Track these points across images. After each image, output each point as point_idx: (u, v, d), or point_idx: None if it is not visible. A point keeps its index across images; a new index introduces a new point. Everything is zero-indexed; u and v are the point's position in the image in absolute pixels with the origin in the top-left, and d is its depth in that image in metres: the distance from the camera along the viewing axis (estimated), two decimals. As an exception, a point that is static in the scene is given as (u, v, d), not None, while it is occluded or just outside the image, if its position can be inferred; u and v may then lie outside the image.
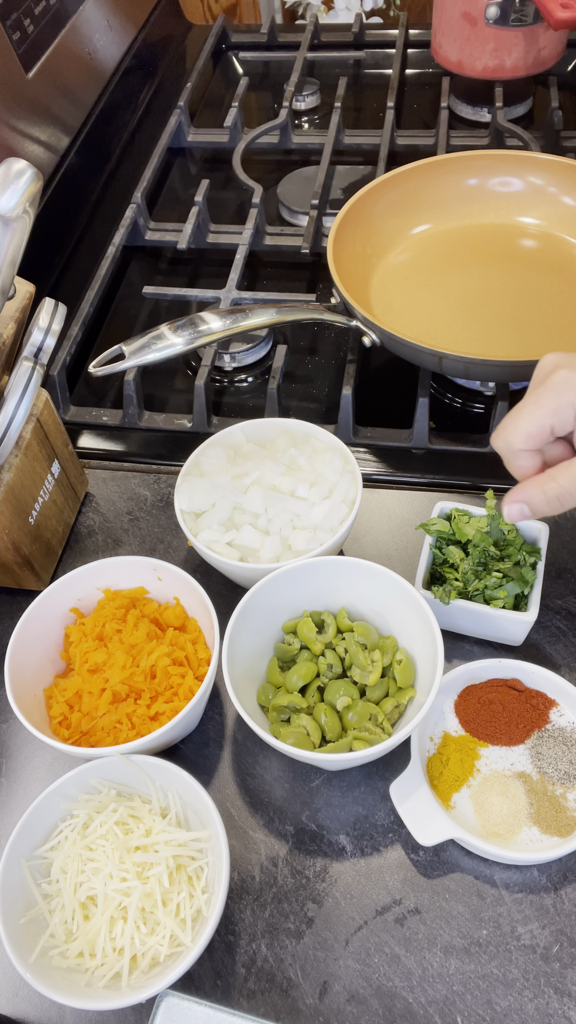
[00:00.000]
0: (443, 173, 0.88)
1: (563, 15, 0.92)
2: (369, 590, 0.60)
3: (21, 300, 0.60)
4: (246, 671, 0.58)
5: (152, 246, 0.98)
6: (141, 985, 0.47)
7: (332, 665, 0.58)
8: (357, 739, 0.55)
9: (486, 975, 0.50)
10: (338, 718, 0.56)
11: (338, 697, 0.57)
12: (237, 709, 0.54)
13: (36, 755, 0.61)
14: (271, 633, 0.61)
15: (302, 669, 0.58)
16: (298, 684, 0.58)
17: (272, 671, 0.60)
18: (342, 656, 0.59)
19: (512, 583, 0.59)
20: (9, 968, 0.53)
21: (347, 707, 0.56)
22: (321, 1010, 0.50)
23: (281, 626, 0.62)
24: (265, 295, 0.86)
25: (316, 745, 0.55)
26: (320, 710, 0.56)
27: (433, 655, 0.55)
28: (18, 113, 0.91)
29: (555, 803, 0.54)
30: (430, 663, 0.55)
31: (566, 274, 0.83)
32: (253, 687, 0.59)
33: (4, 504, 0.60)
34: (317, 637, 0.59)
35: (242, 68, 1.27)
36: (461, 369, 0.71)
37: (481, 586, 0.60)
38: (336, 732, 0.56)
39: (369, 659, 0.58)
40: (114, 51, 1.13)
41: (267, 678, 0.60)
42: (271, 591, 0.59)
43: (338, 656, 0.59)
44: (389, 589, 0.59)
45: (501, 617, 0.59)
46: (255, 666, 0.60)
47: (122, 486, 0.76)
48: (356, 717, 0.56)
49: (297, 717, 0.56)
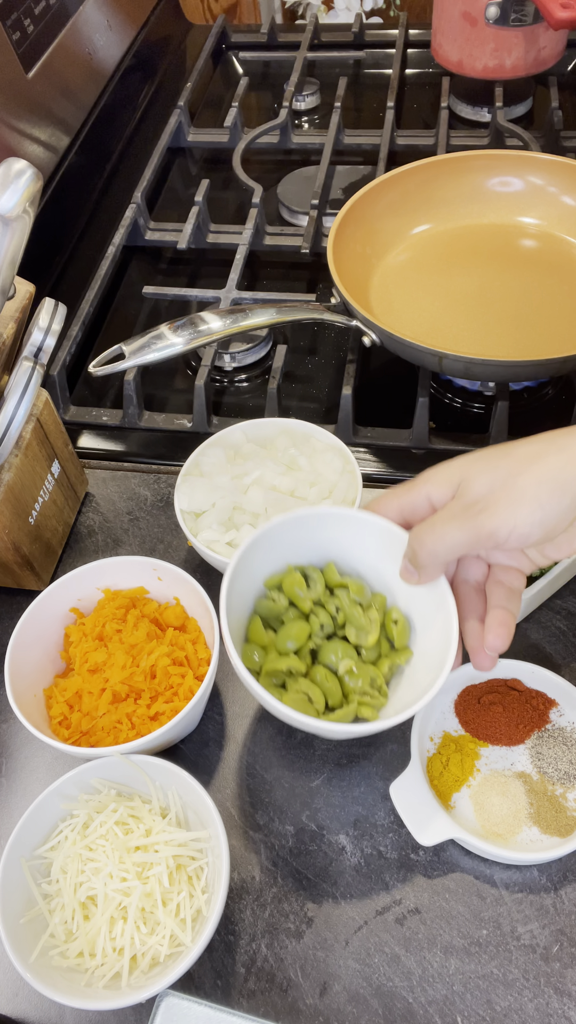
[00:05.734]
0: (443, 173, 0.88)
1: (563, 15, 0.92)
2: (361, 545, 0.56)
3: (21, 300, 0.60)
4: (233, 635, 0.53)
5: (152, 246, 0.98)
6: (141, 985, 0.47)
7: (324, 625, 0.55)
8: (362, 704, 0.52)
9: (486, 975, 0.50)
10: (339, 683, 0.53)
11: (339, 660, 0.53)
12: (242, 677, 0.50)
13: (36, 755, 0.61)
14: (253, 592, 0.57)
15: (294, 629, 0.54)
16: (292, 646, 0.54)
17: (256, 630, 0.55)
18: (333, 615, 0.55)
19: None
20: (9, 968, 0.53)
21: (349, 671, 0.53)
22: (321, 1010, 0.50)
23: (263, 582, 0.57)
24: (265, 295, 0.86)
25: (320, 712, 0.52)
26: (319, 674, 0.53)
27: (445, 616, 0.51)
28: (18, 113, 0.91)
29: (555, 803, 0.54)
30: (440, 624, 0.52)
31: (566, 274, 0.83)
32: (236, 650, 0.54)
33: (4, 504, 0.60)
34: (305, 593, 0.55)
35: (242, 68, 1.27)
36: (461, 369, 0.71)
37: None
38: (338, 698, 0.53)
39: (367, 618, 0.54)
40: (114, 51, 1.13)
41: (250, 637, 0.55)
42: (262, 547, 0.55)
43: (329, 615, 0.55)
44: (384, 541, 0.54)
45: None
46: (237, 629, 0.55)
47: (122, 486, 0.76)
48: (360, 682, 0.53)
49: (294, 682, 0.53)
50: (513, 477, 0.46)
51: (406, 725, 0.58)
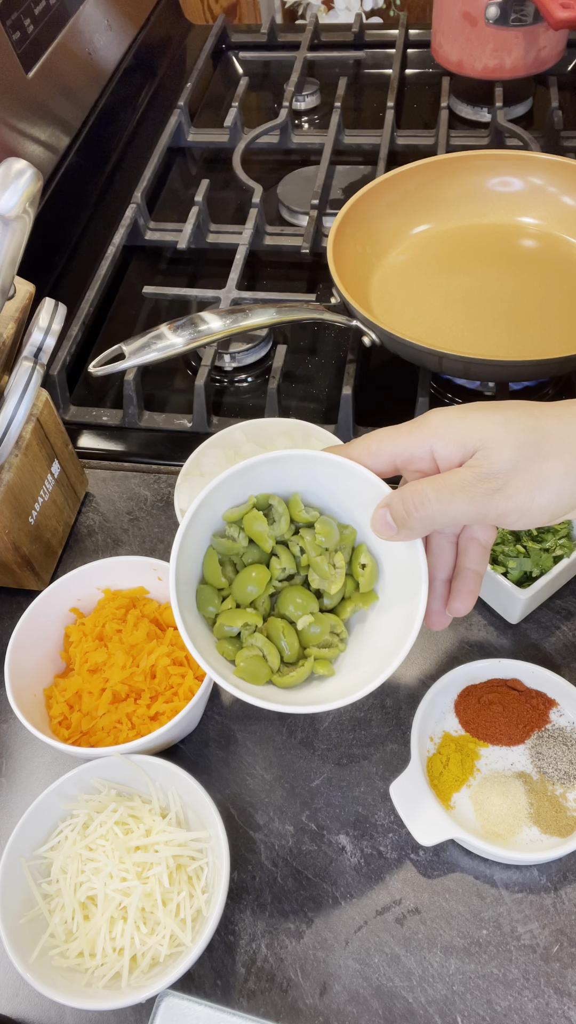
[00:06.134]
0: (443, 173, 0.88)
1: (563, 15, 0.92)
2: (336, 486, 0.51)
3: (21, 300, 0.60)
4: (188, 578, 0.50)
5: (152, 246, 0.98)
6: (141, 985, 0.47)
7: (286, 568, 0.50)
8: (318, 658, 0.50)
9: (486, 975, 0.50)
10: (296, 636, 0.50)
11: (298, 614, 0.50)
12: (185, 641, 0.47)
13: (36, 755, 0.61)
14: (212, 525, 0.51)
15: (254, 574, 0.49)
16: (252, 593, 0.49)
17: (212, 570, 0.50)
18: (296, 555, 0.51)
19: (527, 560, 0.60)
20: (9, 968, 0.53)
21: (308, 625, 0.50)
22: (321, 1010, 0.50)
23: (223, 515, 0.51)
24: (265, 295, 0.86)
25: (275, 670, 0.50)
26: (277, 627, 0.49)
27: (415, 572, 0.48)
28: (18, 113, 0.91)
29: (555, 803, 0.54)
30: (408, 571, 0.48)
31: (566, 274, 0.83)
32: (191, 592, 0.51)
33: (4, 504, 0.60)
34: (267, 530, 0.50)
35: (242, 68, 1.27)
36: (461, 369, 0.71)
37: (499, 549, 0.60)
38: (295, 652, 0.50)
39: (331, 563, 0.50)
40: (114, 51, 1.13)
41: (205, 577, 0.50)
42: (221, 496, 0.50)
43: (291, 556, 0.50)
44: (369, 494, 0.49)
45: (496, 582, 0.60)
46: (193, 568, 0.50)
47: (122, 486, 0.76)
48: (318, 630, 0.50)
49: (249, 635, 0.50)
50: (540, 460, 0.43)
51: (406, 725, 0.58)
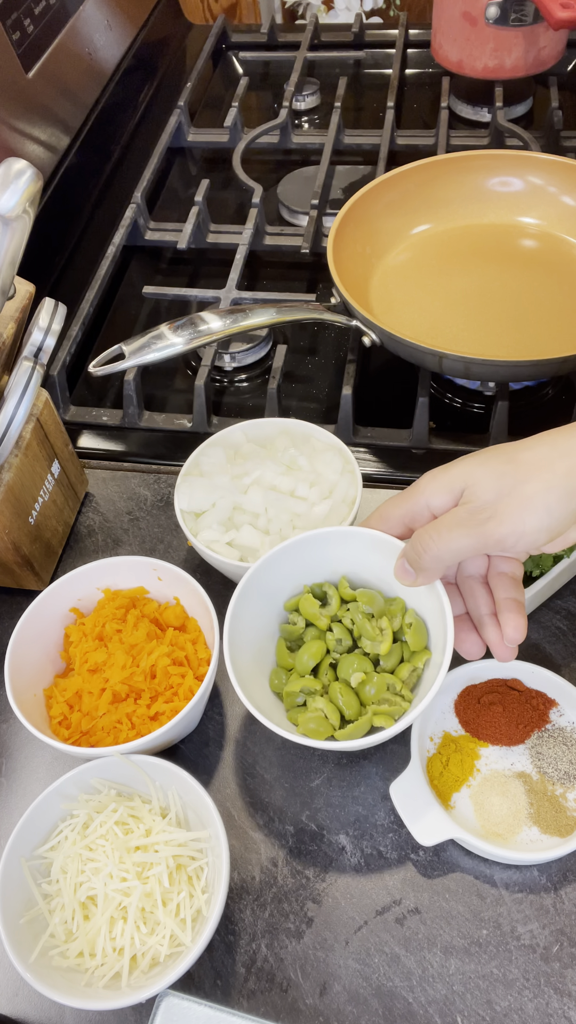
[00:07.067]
0: (443, 173, 0.88)
1: (563, 15, 0.92)
2: (368, 557, 0.58)
3: (21, 300, 0.60)
4: (254, 658, 0.57)
5: (152, 246, 0.98)
6: (141, 985, 0.47)
7: (341, 639, 0.56)
8: (378, 714, 0.54)
9: (486, 975, 0.50)
10: (355, 695, 0.55)
11: (351, 673, 0.55)
12: (244, 703, 0.52)
13: (36, 755, 0.61)
14: (275, 615, 0.59)
15: (312, 648, 0.56)
16: (309, 664, 0.56)
17: (281, 654, 0.58)
18: (350, 628, 0.57)
19: (527, 560, 0.60)
20: (9, 968, 0.53)
21: (362, 682, 0.55)
22: (321, 1010, 0.50)
23: (283, 606, 0.59)
24: (265, 295, 0.86)
25: (336, 727, 0.54)
26: (335, 689, 0.55)
27: (441, 614, 0.53)
28: (18, 113, 0.91)
29: (555, 803, 0.54)
30: (439, 623, 0.54)
31: (566, 274, 0.83)
32: (264, 675, 0.58)
33: (4, 504, 0.60)
34: (321, 611, 0.57)
35: (242, 68, 1.27)
36: (461, 369, 0.71)
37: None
38: (355, 710, 0.54)
39: (377, 627, 0.56)
40: (114, 51, 1.13)
41: (277, 662, 0.58)
42: (269, 572, 0.57)
43: (345, 629, 0.57)
44: (386, 553, 0.56)
45: None
46: (263, 653, 0.58)
47: (122, 486, 0.76)
48: (374, 690, 0.54)
49: (313, 700, 0.55)
50: (521, 484, 0.47)
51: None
